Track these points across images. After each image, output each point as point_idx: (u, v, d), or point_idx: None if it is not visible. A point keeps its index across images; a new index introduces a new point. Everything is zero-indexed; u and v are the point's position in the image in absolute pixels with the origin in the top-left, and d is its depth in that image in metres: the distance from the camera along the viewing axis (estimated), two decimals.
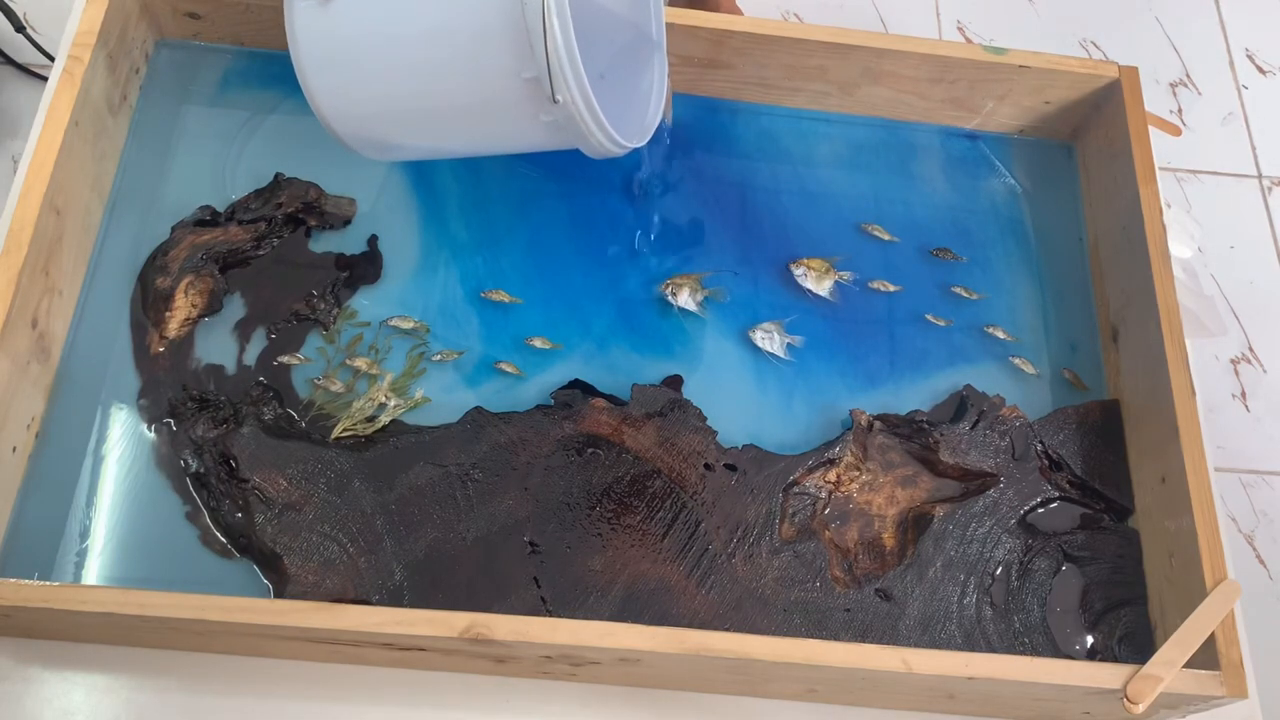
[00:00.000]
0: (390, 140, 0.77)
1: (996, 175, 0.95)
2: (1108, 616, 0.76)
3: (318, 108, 0.75)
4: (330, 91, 0.74)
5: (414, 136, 0.78)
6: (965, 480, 0.80)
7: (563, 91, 0.67)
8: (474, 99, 0.72)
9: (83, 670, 0.71)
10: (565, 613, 0.71)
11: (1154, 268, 0.82)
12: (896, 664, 0.66)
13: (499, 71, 0.69)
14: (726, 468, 0.77)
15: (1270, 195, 1.69)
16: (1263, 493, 1.48)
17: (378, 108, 0.75)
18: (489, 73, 0.69)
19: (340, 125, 0.76)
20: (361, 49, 0.72)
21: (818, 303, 0.87)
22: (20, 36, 1.44)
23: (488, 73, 0.69)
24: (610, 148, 0.73)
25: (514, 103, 0.70)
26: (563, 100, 0.68)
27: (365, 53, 0.72)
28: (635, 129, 0.80)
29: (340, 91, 0.74)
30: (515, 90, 0.69)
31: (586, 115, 0.69)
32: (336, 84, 0.74)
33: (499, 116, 0.73)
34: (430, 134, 0.78)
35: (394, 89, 0.73)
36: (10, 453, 0.71)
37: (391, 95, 0.73)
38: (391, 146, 0.78)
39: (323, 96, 0.74)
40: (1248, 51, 1.82)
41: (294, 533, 0.72)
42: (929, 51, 0.89)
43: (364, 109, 0.75)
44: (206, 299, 0.80)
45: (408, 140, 0.78)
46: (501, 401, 0.79)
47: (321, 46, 0.72)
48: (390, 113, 0.75)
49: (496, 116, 0.73)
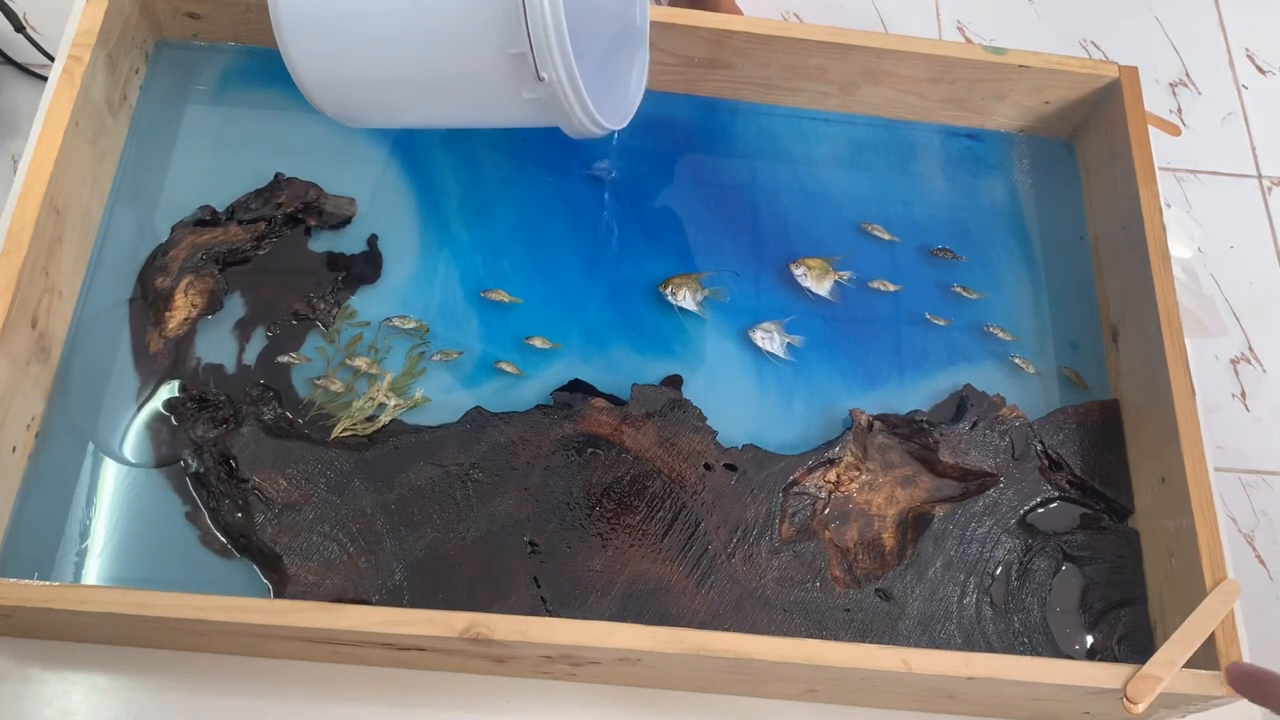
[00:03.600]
0: (369, 109, 0.76)
1: (996, 174, 0.95)
2: (1107, 616, 0.76)
3: (296, 74, 0.73)
4: (310, 56, 0.72)
5: (393, 107, 0.76)
6: (965, 480, 0.80)
7: (548, 69, 0.66)
8: (457, 72, 0.71)
9: (82, 670, 0.71)
10: (565, 613, 0.72)
11: (1154, 268, 0.82)
12: (896, 664, 0.66)
13: (484, 45, 0.67)
14: (726, 468, 0.77)
15: (1270, 195, 1.69)
16: (1263, 493, 1.48)
17: (358, 76, 0.73)
18: (474, 46, 0.68)
19: (319, 93, 0.74)
20: (344, 15, 0.70)
21: (818, 303, 0.87)
22: (20, 36, 1.44)
23: (472, 46, 0.68)
24: (591, 128, 0.72)
25: (497, 78, 0.69)
26: (548, 78, 0.67)
27: (348, 19, 0.70)
28: (616, 110, 0.79)
29: (320, 57, 0.72)
30: (499, 65, 0.68)
31: (570, 95, 0.68)
32: (317, 50, 0.72)
33: (481, 90, 0.72)
34: (410, 105, 0.76)
35: (376, 59, 0.71)
36: (10, 453, 0.71)
37: (373, 65, 0.72)
38: (370, 116, 0.77)
39: (302, 62, 0.72)
40: (1248, 51, 1.82)
41: (294, 533, 0.72)
42: (929, 51, 0.89)
43: (344, 76, 0.73)
44: (206, 299, 0.80)
45: (387, 110, 0.77)
46: (501, 401, 0.79)
47: (303, 10, 0.70)
48: (371, 82, 0.74)
49: (479, 90, 0.72)
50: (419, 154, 0.88)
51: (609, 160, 0.89)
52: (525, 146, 0.90)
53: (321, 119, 0.79)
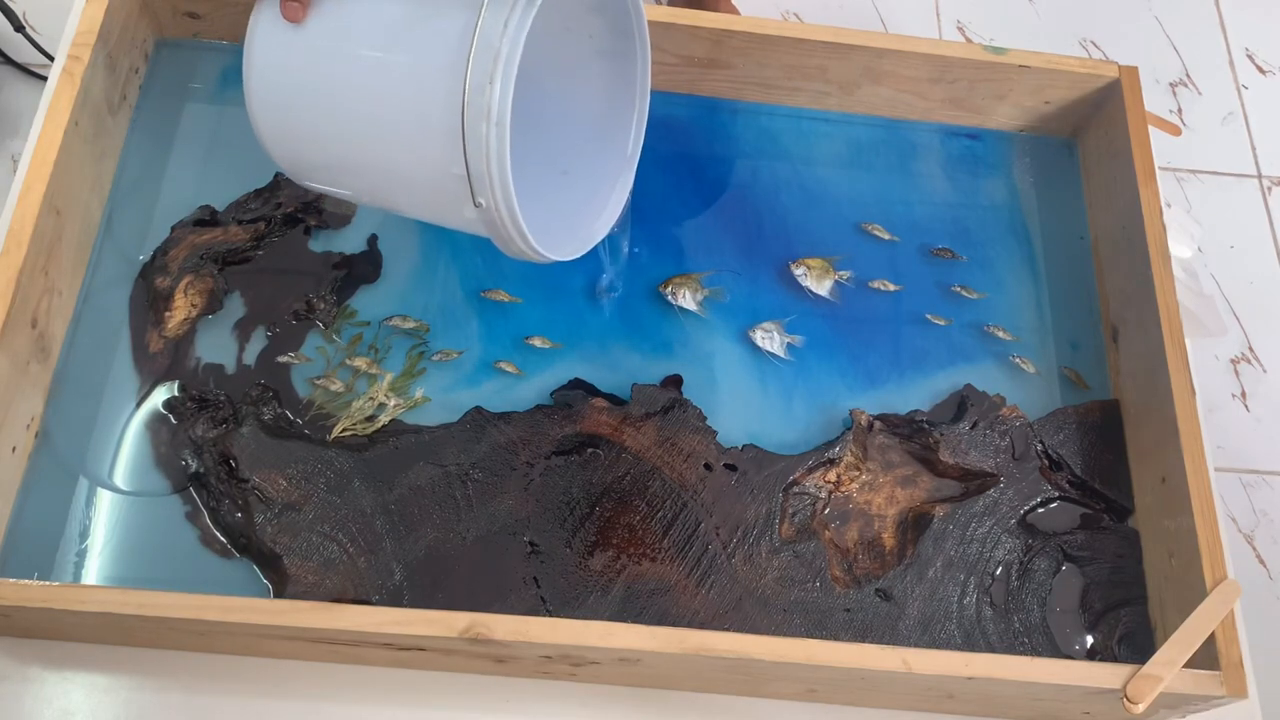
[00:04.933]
0: (319, 180, 0.75)
1: (997, 174, 0.95)
2: (1108, 616, 0.76)
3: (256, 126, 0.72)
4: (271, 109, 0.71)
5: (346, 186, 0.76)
6: (965, 480, 0.80)
7: (485, 196, 0.65)
8: (407, 174, 0.70)
9: (83, 670, 0.71)
10: (565, 613, 0.71)
11: (1154, 268, 0.82)
12: (896, 664, 0.66)
13: (433, 156, 0.67)
14: (726, 468, 0.77)
15: (1270, 195, 1.69)
16: (1263, 493, 1.48)
17: (313, 142, 0.72)
18: (424, 153, 0.67)
19: (275, 147, 0.73)
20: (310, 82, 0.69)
21: (818, 302, 0.87)
22: (20, 36, 1.44)
23: (423, 152, 0.67)
24: (531, 256, 0.71)
25: (443, 190, 0.68)
26: (485, 205, 0.66)
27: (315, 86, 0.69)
28: (575, 235, 0.78)
29: (281, 116, 0.71)
30: (446, 180, 0.67)
31: (508, 223, 0.67)
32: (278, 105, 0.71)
33: (428, 198, 0.71)
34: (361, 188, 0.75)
35: (333, 133, 0.71)
36: (10, 453, 0.71)
37: (329, 138, 0.71)
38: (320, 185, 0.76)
39: (262, 114, 0.71)
40: (1248, 51, 1.82)
41: (294, 533, 0.72)
42: (929, 51, 0.89)
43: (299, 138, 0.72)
44: (206, 299, 0.80)
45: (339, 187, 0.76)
46: (501, 401, 0.79)
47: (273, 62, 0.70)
48: (324, 153, 0.73)
49: (426, 197, 0.72)
50: None
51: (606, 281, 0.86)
52: None
53: None
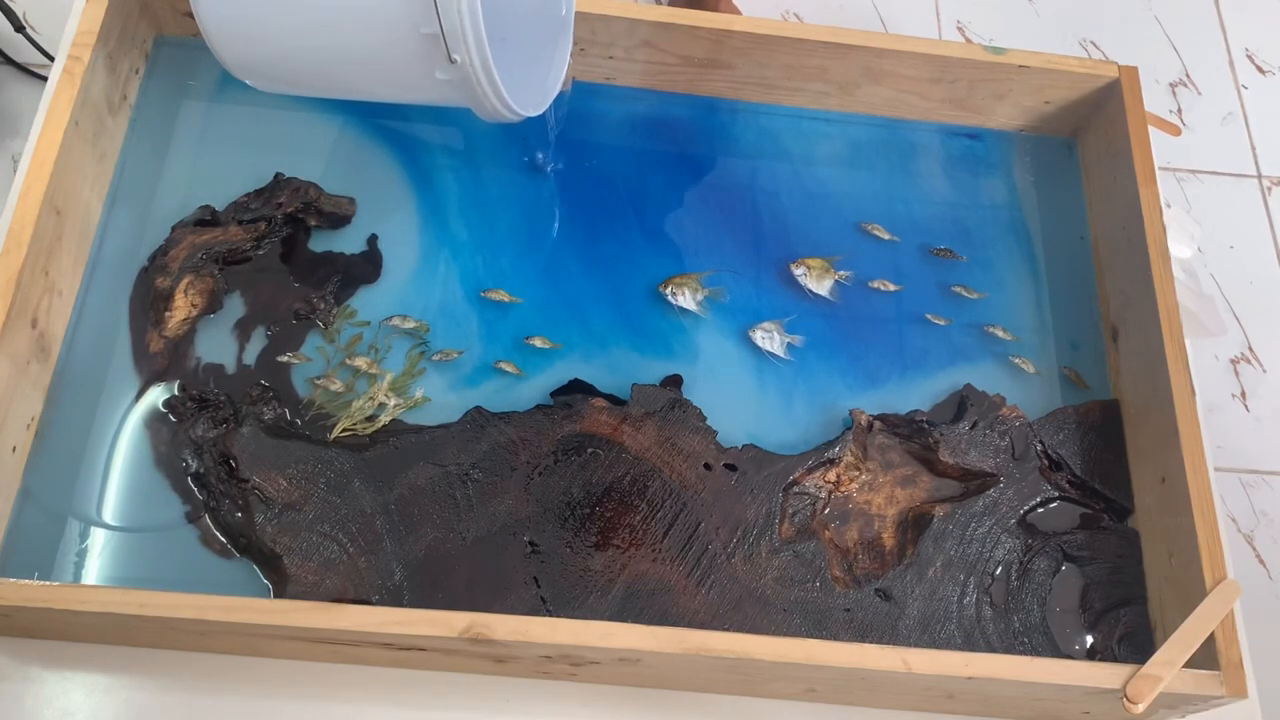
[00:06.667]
0: (277, 74, 0.74)
1: (997, 174, 0.95)
2: (1107, 616, 0.76)
3: (206, 31, 0.71)
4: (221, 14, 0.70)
5: (304, 74, 0.75)
6: (965, 480, 0.80)
7: (460, 52, 0.65)
8: (370, 45, 0.69)
9: (83, 670, 0.71)
10: (565, 613, 0.71)
11: (1154, 268, 0.82)
12: (896, 664, 0.66)
13: (398, 21, 0.66)
14: (726, 468, 0.77)
15: (1270, 195, 1.69)
16: (1263, 493, 1.48)
17: (268, 38, 0.71)
18: (388, 20, 0.67)
19: (228, 52, 0.72)
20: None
21: (818, 302, 0.87)
22: (20, 36, 1.44)
23: (386, 20, 0.67)
24: (504, 113, 0.71)
25: (410, 55, 0.67)
26: (460, 61, 0.65)
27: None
28: (532, 96, 0.78)
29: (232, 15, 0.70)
30: (413, 43, 0.66)
31: (483, 79, 0.67)
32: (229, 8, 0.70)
33: (393, 66, 0.71)
34: (321, 75, 0.75)
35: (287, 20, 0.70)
36: (10, 453, 0.71)
37: (284, 27, 0.70)
38: (278, 80, 0.75)
39: (212, 18, 0.70)
40: (1248, 51, 1.82)
41: (294, 533, 0.72)
42: (929, 51, 0.89)
43: (254, 36, 0.71)
44: (206, 298, 0.80)
45: (296, 77, 0.75)
46: (501, 401, 0.79)
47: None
48: (281, 46, 0.72)
49: (391, 66, 0.71)
50: (419, 154, 0.88)
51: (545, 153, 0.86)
52: (526, 147, 0.90)
53: (322, 119, 0.79)
